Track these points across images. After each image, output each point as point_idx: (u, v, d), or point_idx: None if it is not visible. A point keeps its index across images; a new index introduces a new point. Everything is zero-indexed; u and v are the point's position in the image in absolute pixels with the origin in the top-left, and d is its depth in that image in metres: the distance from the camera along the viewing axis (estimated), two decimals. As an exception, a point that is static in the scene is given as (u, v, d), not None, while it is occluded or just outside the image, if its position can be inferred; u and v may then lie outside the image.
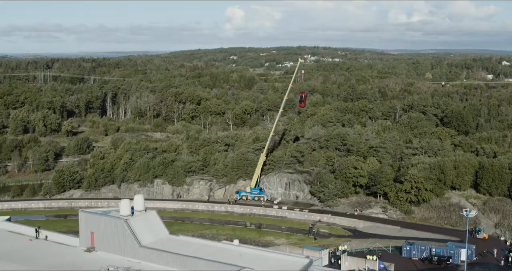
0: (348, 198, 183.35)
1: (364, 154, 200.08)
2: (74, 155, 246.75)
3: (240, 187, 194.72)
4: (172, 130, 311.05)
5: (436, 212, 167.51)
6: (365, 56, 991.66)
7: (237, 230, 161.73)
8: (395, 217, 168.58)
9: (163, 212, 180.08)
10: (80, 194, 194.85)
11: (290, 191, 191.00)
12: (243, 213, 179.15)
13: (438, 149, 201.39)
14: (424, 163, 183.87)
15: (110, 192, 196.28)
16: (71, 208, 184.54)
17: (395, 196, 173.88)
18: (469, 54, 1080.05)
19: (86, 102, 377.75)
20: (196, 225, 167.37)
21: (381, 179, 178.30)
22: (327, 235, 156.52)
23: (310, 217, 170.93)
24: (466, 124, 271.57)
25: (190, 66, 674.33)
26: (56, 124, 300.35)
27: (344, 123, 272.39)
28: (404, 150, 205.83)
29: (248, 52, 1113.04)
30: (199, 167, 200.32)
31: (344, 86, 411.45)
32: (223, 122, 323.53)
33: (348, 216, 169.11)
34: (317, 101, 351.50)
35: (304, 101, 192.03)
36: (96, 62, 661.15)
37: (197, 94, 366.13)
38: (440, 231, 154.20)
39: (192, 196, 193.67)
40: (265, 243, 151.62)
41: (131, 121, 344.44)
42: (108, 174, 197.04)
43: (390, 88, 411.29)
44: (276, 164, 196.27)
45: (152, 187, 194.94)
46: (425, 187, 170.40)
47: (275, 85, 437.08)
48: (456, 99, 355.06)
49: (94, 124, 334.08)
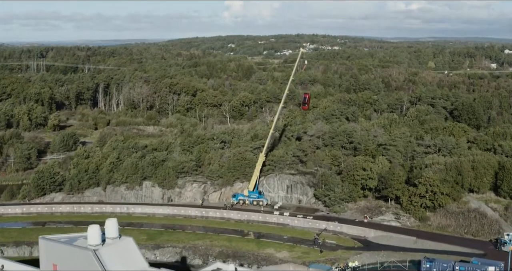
0: (356, 203, 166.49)
1: (373, 153, 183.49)
2: (59, 152, 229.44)
3: (237, 190, 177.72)
4: (166, 123, 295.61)
5: (455, 218, 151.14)
6: (364, 44, 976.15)
7: (233, 241, 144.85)
8: (409, 225, 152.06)
9: (152, 218, 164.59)
10: (61, 198, 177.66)
11: (292, 194, 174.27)
12: (240, 220, 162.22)
13: (452, 147, 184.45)
14: (440, 164, 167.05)
15: (95, 195, 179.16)
16: (51, 214, 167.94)
17: (408, 201, 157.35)
18: (468, 42, 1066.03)
19: (76, 94, 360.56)
20: (188, 234, 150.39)
21: (393, 182, 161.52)
22: (334, 247, 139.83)
23: (315, 225, 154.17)
24: (478, 117, 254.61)
25: (187, 54, 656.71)
26: (41, 118, 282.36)
27: (348, 117, 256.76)
28: (415, 147, 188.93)
29: (246, 40, 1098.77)
30: (192, 167, 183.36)
31: (346, 76, 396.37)
32: (219, 115, 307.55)
33: (357, 224, 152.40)
34: (318, 92, 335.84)
35: (308, 104, 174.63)
36: (91, 51, 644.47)
37: (192, 85, 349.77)
38: (461, 242, 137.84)
39: (185, 200, 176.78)
40: (265, 256, 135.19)
41: (123, 114, 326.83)
42: (92, 175, 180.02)
43: (394, 78, 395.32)
44: (277, 164, 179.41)
45: (140, 190, 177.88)
46: (441, 190, 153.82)
47: (275, 75, 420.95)
48: (463, 89, 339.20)
49: (83, 117, 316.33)
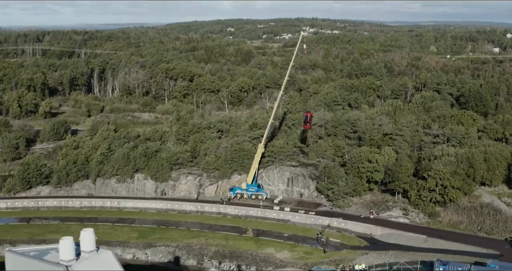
0: (361, 197, 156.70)
1: (378, 143, 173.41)
2: (49, 141, 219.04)
3: (234, 183, 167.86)
4: (162, 110, 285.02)
5: (466, 214, 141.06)
6: (364, 28, 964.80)
7: (230, 239, 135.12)
8: (418, 221, 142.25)
9: (144, 213, 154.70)
10: (48, 191, 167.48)
11: (293, 188, 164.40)
12: (237, 215, 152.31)
13: (462, 137, 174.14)
14: (450, 155, 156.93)
15: (84, 188, 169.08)
16: (37, 209, 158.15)
17: (416, 195, 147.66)
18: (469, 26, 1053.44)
19: (70, 79, 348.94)
20: (182, 232, 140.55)
21: (400, 174, 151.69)
22: (339, 246, 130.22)
23: (317, 221, 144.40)
24: (485, 104, 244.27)
25: (186, 38, 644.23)
26: (32, 105, 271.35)
27: (350, 103, 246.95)
28: (423, 137, 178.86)
29: (245, 24, 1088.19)
30: (187, 158, 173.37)
31: (347, 61, 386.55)
32: (217, 101, 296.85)
33: (362, 220, 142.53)
34: (319, 77, 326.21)
35: (310, 123, 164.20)
36: (88, 35, 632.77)
37: (189, 70, 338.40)
38: (474, 241, 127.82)
39: (179, 194, 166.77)
40: (264, 257, 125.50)
41: (118, 101, 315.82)
42: (81, 167, 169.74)
43: (396, 62, 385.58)
44: (277, 156, 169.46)
45: (132, 183, 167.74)
46: (452, 184, 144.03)
47: (274, 60, 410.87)
48: (467, 75, 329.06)
49: (76, 104, 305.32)
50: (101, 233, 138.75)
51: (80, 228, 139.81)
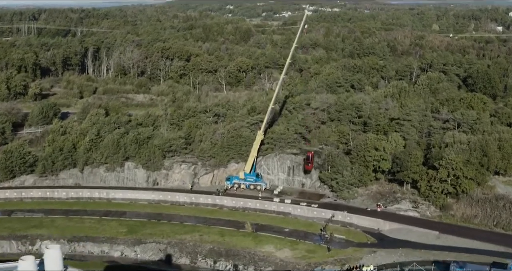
0: (367, 187, 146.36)
1: (385, 129, 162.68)
2: (37, 125, 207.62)
3: (231, 172, 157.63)
4: (157, 91, 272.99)
5: (481, 207, 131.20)
6: (365, 6, 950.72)
7: (227, 235, 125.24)
8: (429, 215, 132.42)
9: (135, 205, 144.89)
10: (33, 181, 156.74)
11: (294, 177, 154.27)
12: (234, 207, 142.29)
13: (474, 122, 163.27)
14: (462, 143, 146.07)
15: (71, 177, 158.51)
16: (20, 200, 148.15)
17: (427, 186, 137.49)
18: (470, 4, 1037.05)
19: (63, 59, 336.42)
20: (175, 226, 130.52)
21: (409, 163, 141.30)
22: (344, 243, 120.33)
23: (320, 214, 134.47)
24: (494, 86, 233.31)
25: (184, 16, 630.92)
26: (21, 87, 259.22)
27: (353, 84, 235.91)
28: (432, 122, 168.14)
29: (245, 1, 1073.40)
30: (181, 145, 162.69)
31: (349, 40, 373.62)
32: (215, 82, 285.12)
33: (369, 214, 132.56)
34: (320, 57, 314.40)
35: (312, 163, 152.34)
36: (85, 13, 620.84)
37: (186, 49, 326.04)
38: (490, 238, 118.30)
39: (172, 183, 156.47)
40: (263, 256, 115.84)
41: (112, 81, 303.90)
42: (68, 154, 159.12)
43: (399, 41, 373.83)
44: (277, 143, 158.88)
45: (122, 172, 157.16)
46: (465, 174, 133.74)
47: (274, 38, 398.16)
48: (473, 54, 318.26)
49: (68, 85, 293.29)
50: (87, 228, 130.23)
51: (65, 222, 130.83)
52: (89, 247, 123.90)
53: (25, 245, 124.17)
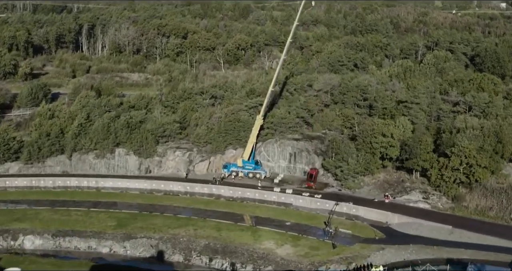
0: (373, 176, 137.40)
1: (392, 112, 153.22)
2: (26, 107, 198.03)
3: (229, 159, 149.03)
4: (153, 70, 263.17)
5: (496, 198, 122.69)
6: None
7: (223, 229, 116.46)
8: (441, 207, 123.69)
9: (125, 195, 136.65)
10: (18, 169, 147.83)
11: (295, 165, 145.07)
12: (232, 197, 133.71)
13: (486, 106, 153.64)
14: (475, 128, 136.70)
15: (58, 165, 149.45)
16: (4, 189, 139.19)
17: (437, 175, 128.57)
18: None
19: (57, 36, 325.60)
20: (168, 219, 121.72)
21: (419, 150, 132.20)
22: (350, 239, 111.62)
23: (324, 205, 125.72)
24: (503, 66, 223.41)
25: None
26: (11, 66, 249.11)
27: (356, 63, 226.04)
28: (441, 104, 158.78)
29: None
30: (176, 130, 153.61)
31: (351, 16, 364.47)
32: (213, 60, 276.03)
33: (376, 206, 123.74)
34: (322, 34, 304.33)
35: (315, 181, 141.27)
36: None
37: (183, 26, 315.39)
38: (509, 234, 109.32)
39: (166, 171, 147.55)
40: (262, 253, 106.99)
41: (106, 60, 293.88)
42: (55, 140, 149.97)
43: (403, 18, 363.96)
44: (277, 127, 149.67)
45: (112, 159, 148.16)
46: (478, 163, 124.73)
47: (274, 15, 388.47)
48: (478, 32, 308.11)
49: (61, 63, 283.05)
50: (74, 221, 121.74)
51: (50, 215, 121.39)
52: (75, 242, 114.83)
53: (7, 240, 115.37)
